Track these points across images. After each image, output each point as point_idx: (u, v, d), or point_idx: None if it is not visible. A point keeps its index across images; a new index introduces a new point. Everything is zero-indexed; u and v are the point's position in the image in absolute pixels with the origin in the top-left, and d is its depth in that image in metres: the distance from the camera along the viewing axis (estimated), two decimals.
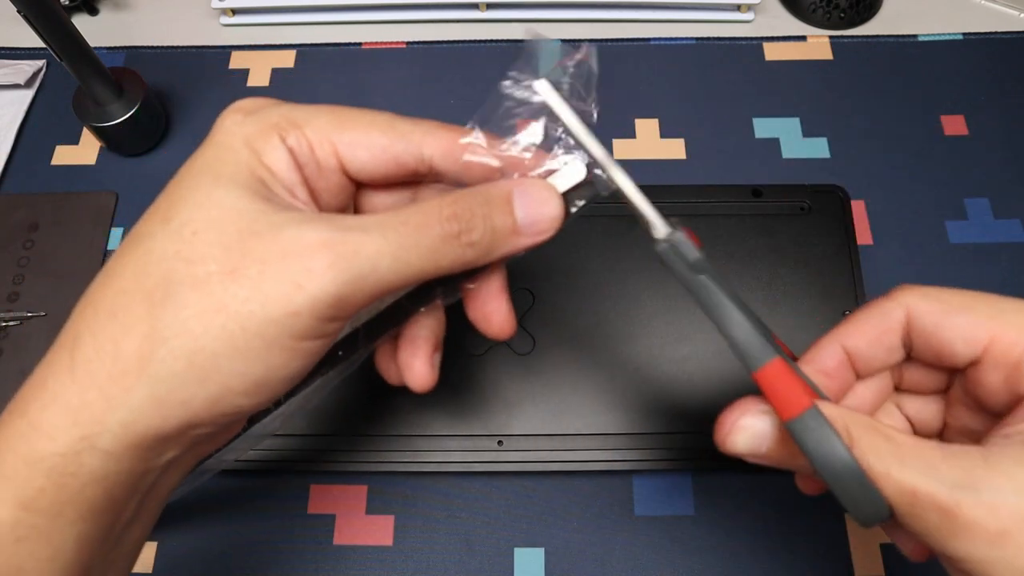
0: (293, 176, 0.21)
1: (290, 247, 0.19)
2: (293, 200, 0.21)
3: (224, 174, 0.20)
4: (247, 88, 0.49)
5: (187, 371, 0.19)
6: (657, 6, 0.51)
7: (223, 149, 0.21)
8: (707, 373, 0.37)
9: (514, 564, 0.36)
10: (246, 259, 0.19)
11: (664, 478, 0.37)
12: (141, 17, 0.53)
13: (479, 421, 0.37)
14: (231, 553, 0.36)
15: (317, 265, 0.19)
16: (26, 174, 0.47)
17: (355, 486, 0.37)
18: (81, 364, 0.19)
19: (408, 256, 0.20)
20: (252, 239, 0.19)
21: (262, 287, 0.19)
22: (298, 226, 0.19)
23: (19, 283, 0.43)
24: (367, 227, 0.20)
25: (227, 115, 0.22)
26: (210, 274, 0.19)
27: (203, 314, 0.19)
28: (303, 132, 0.22)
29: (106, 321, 0.19)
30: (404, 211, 0.21)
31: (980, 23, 0.50)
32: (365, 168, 0.22)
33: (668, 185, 0.42)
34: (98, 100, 0.43)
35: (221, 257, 0.19)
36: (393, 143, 0.22)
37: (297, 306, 0.19)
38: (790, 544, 0.36)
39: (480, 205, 0.21)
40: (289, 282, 0.19)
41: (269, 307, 0.19)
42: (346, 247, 0.19)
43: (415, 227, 0.20)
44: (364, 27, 0.52)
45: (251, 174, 0.21)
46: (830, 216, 0.40)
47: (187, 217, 0.20)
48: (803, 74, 0.48)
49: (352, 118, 0.22)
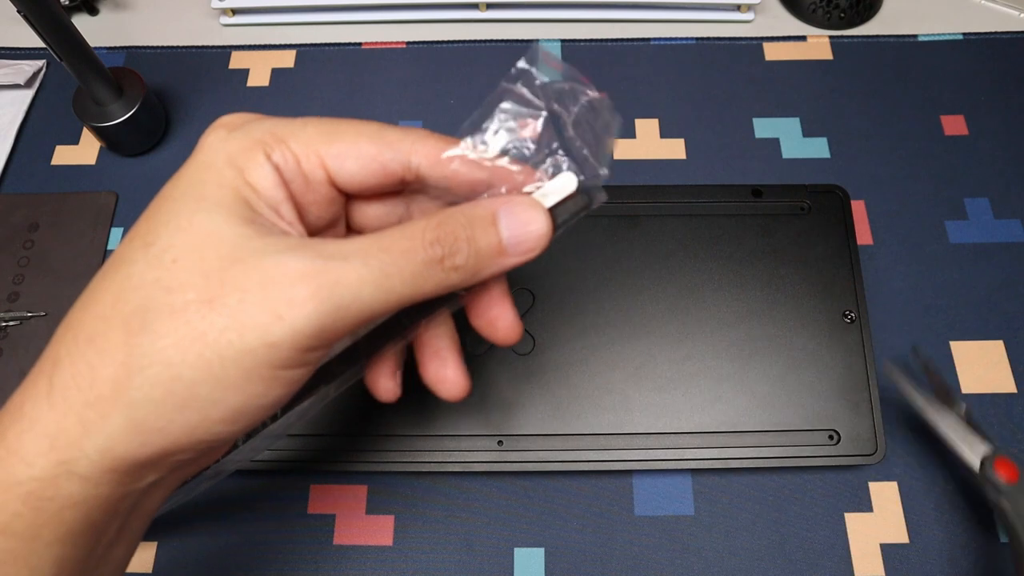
0: (278, 194, 0.21)
1: (270, 276, 0.19)
2: (277, 220, 0.21)
3: (206, 196, 0.20)
4: (247, 88, 0.49)
5: (165, 399, 0.19)
6: (657, 6, 0.51)
7: (206, 168, 0.21)
8: (707, 373, 0.37)
9: (514, 564, 0.36)
10: (225, 288, 0.19)
11: (664, 478, 0.37)
12: (141, 17, 0.53)
13: (479, 421, 0.37)
14: (231, 553, 0.36)
15: (297, 295, 0.19)
16: (26, 174, 0.47)
17: (355, 486, 0.37)
18: (59, 389, 0.19)
19: (390, 283, 0.20)
20: (232, 267, 0.19)
21: (240, 317, 0.18)
22: (279, 254, 0.19)
23: (19, 283, 0.43)
24: (348, 255, 0.19)
25: (210, 132, 0.22)
26: (188, 303, 0.19)
27: (180, 343, 0.18)
28: (288, 146, 0.21)
29: (84, 347, 0.19)
30: (386, 236, 0.20)
31: (980, 23, 0.50)
32: (354, 179, 0.22)
33: (668, 185, 0.42)
34: (98, 100, 0.43)
35: (200, 285, 0.19)
36: (381, 152, 0.22)
37: (276, 337, 0.19)
38: (790, 544, 0.36)
39: (464, 227, 0.21)
40: (268, 312, 0.18)
41: (247, 337, 0.18)
42: (327, 276, 0.19)
43: (398, 253, 0.20)
44: (364, 27, 0.52)
45: (234, 194, 0.20)
46: (830, 216, 0.40)
47: (168, 243, 0.20)
48: (803, 74, 0.48)
49: (339, 129, 0.22)
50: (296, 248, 0.20)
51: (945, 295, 0.41)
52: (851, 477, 0.37)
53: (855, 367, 0.37)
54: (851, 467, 0.37)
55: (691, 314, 0.39)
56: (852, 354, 0.37)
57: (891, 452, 0.37)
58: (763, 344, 0.38)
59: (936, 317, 0.40)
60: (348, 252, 0.20)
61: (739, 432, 0.36)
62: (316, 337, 0.19)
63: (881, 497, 0.37)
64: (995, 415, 0.38)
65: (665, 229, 0.40)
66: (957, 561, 0.35)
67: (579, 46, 0.50)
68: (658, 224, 0.40)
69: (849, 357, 0.37)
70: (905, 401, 0.35)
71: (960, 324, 0.40)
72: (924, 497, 0.37)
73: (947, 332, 0.40)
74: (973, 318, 0.40)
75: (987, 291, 0.41)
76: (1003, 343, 0.40)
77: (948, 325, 0.40)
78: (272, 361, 0.19)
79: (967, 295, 0.41)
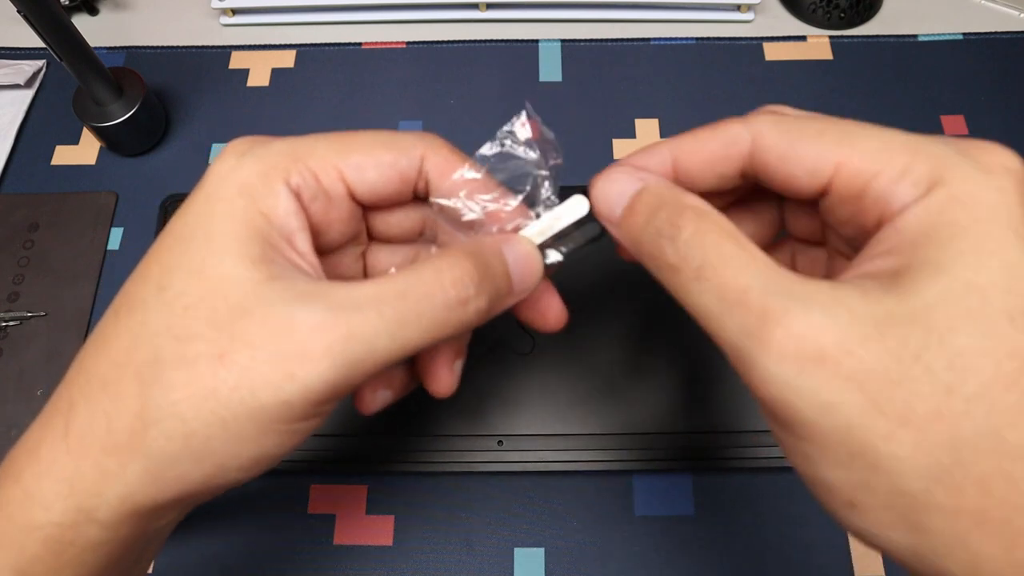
0: (292, 222, 0.20)
1: (281, 330, 0.18)
2: (290, 252, 0.20)
3: (216, 234, 0.20)
4: (247, 88, 0.49)
5: (181, 451, 0.18)
6: (657, 6, 0.51)
7: (215, 201, 0.20)
8: (707, 373, 0.37)
9: (514, 564, 0.36)
10: (236, 342, 0.18)
11: (664, 478, 0.37)
12: (141, 17, 0.53)
13: (479, 421, 0.37)
14: (231, 553, 0.36)
15: (310, 351, 0.18)
16: (26, 174, 0.47)
17: (355, 486, 0.37)
18: (75, 433, 0.19)
19: (406, 333, 0.19)
20: (243, 319, 0.18)
21: (251, 374, 0.18)
22: (290, 305, 0.19)
23: (19, 283, 0.43)
24: (361, 303, 0.19)
25: (219, 160, 0.21)
26: (199, 355, 0.18)
27: (192, 398, 0.18)
28: (307, 164, 0.21)
29: (99, 393, 0.19)
30: (401, 279, 0.20)
31: (980, 23, 0.50)
32: (375, 188, 0.22)
33: None
34: (98, 100, 0.43)
35: (210, 337, 0.18)
36: (398, 158, 0.22)
37: (288, 395, 0.18)
38: (790, 544, 0.36)
39: (483, 266, 0.20)
40: (280, 371, 0.18)
41: (260, 395, 0.18)
42: (340, 330, 0.18)
43: (415, 299, 0.19)
44: (364, 27, 0.52)
45: (245, 229, 0.20)
46: None
47: (181, 288, 0.19)
48: (803, 74, 0.48)
49: (354, 140, 0.22)
50: (307, 297, 0.19)
51: None
52: None
53: None
54: None
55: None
56: None
57: None
58: None
59: None
60: (362, 300, 0.19)
61: (739, 432, 0.36)
62: (330, 392, 0.19)
63: None
64: None
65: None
66: None
67: (579, 46, 0.50)
68: None
69: None
70: None
71: None
72: None
73: None
74: None
75: None
76: None
77: None
78: (286, 417, 0.19)
79: None
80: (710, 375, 0.37)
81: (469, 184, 0.22)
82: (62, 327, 0.41)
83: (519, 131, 0.23)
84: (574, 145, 0.46)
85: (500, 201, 0.22)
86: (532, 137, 0.23)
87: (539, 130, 0.23)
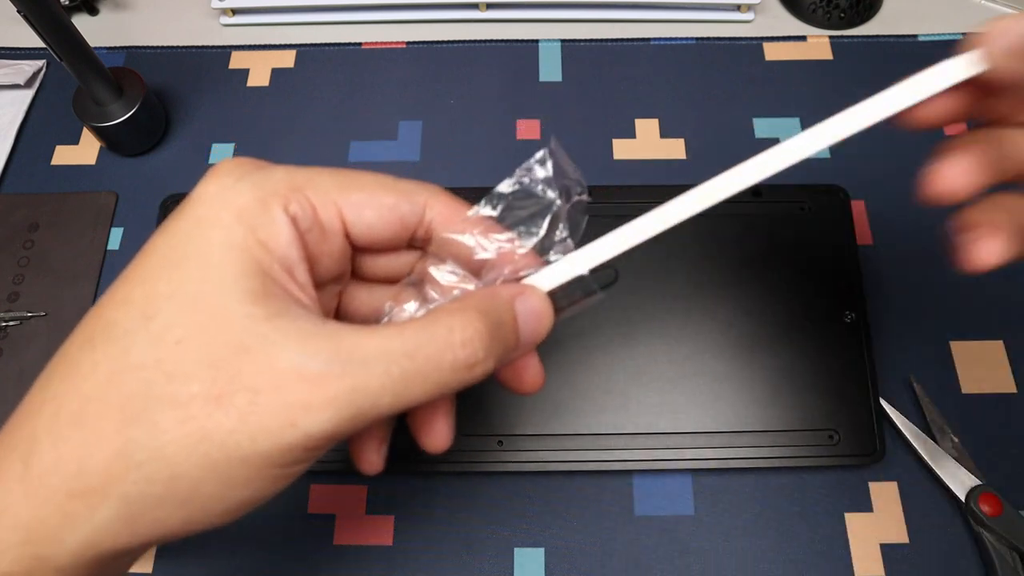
0: (293, 253, 0.19)
1: (284, 376, 0.17)
2: (291, 286, 0.19)
3: (212, 262, 0.18)
4: (247, 88, 0.49)
5: (163, 495, 0.17)
6: (657, 6, 0.51)
7: (210, 225, 0.19)
8: (707, 373, 0.37)
9: (514, 564, 0.36)
10: (234, 384, 0.17)
11: (664, 478, 0.37)
12: (141, 17, 0.53)
13: (479, 421, 0.37)
14: (231, 553, 0.36)
15: (314, 401, 0.17)
16: (26, 174, 0.47)
17: (355, 486, 0.37)
18: (36, 474, 0.17)
19: (411, 391, 0.19)
20: (241, 357, 0.17)
21: (251, 420, 0.17)
22: (294, 348, 0.18)
23: (19, 283, 0.43)
24: (368, 358, 0.18)
25: (212, 180, 0.20)
26: (193, 396, 0.17)
27: (183, 440, 0.17)
28: (306, 195, 0.20)
29: (69, 429, 0.17)
30: (411, 335, 0.19)
31: (980, 23, 0.50)
32: (372, 230, 0.21)
33: (668, 185, 0.42)
34: (98, 100, 0.43)
35: (206, 377, 0.17)
36: (399, 203, 0.21)
37: (288, 442, 0.17)
38: (790, 544, 0.36)
39: (494, 326, 0.20)
40: (281, 418, 0.17)
41: (259, 442, 0.17)
42: (345, 383, 0.18)
43: (424, 359, 0.19)
44: (364, 27, 0.52)
45: (244, 259, 0.18)
46: (830, 216, 0.40)
47: (171, 319, 0.18)
48: (803, 74, 0.48)
49: (356, 178, 0.21)
50: (312, 340, 0.18)
51: (945, 295, 0.41)
52: (851, 477, 0.37)
53: (855, 367, 0.37)
54: (851, 467, 0.37)
55: (691, 314, 0.39)
56: (852, 354, 0.37)
57: (891, 452, 0.37)
58: (763, 344, 0.38)
59: (936, 317, 0.40)
60: (370, 354, 0.18)
61: (739, 432, 0.36)
62: (328, 441, 0.18)
63: (881, 497, 0.37)
64: (995, 415, 0.38)
65: (665, 229, 0.40)
66: (957, 561, 0.35)
67: (579, 46, 0.50)
68: None
69: (849, 357, 0.37)
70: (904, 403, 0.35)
71: (960, 324, 0.40)
72: (924, 497, 0.37)
73: (947, 332, 0.40)
74: (973, 318, 0.40)
75: (987, 291, 0.41)
76: (1003, 343, 0.40)
77: (948, 325, 0.40)
78: (281, 462, 0.18)
79: (967, 295, 0.41)
80: (711, 375, 0.37)
81: (482, 223, 0.22)
82: (62, 327, 0.41)
83: (537, 169, 0.22)
84: (574, 145, 0.46)
85: (514, 242, 0.22)
86: (552, 175, 0.22)
87: (564, 166, 0.22)
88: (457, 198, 0.22)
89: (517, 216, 0.22)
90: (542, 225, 0.22)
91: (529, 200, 0.22)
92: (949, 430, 0.37)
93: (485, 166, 0.45)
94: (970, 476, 0.35)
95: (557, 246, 0.22)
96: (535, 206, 0.22)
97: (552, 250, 0.22)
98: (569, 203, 0.22)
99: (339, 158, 0.46)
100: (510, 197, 0.22)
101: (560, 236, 0.22)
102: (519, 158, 0.22)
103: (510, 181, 0.22)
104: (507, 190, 0.22)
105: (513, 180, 0.22)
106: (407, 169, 0.45)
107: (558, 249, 0.22)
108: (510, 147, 0.46)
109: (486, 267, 0.22)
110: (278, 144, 0.47)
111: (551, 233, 0.22)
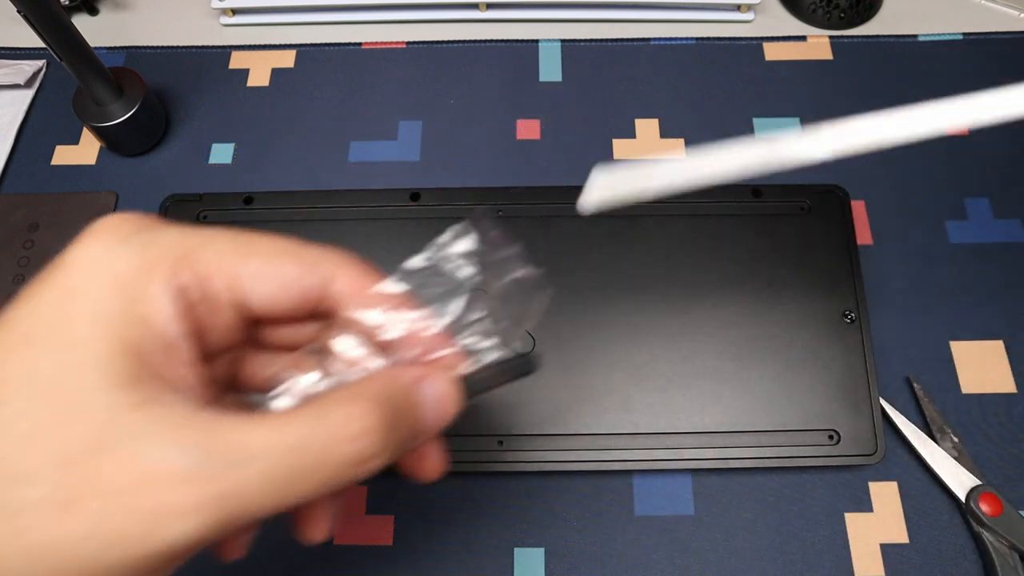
0: (176, 328, 0.17)
1: (145, 477, 0.15)
2: (168, 366, 0.17)
3: (76, 340, 0.16)
4: (247, 88, 0.49)
5: None
6: (657, 6, 0.51)
7: (79, 296, 0.17)
8: (707, 373, 0.37)
9: (514, 564, 0.36)
10: (86, 487, 0.15)
11: (664, 478, 0.37)
12: (141, 17, 0.53)
13: (479, 421, 0.37)
14: None
15: (177, 506, 0.15)
16: (26, 174, 0.47)
17: (355, 486, 0.37)
18: None
19: (295, 490, 0.17)
20: (99, 456, 0.15)
21: (105, 526, 0.15)
22: (159, 443, 0.16)
23: (19, 283, 0.43)
24: (247, 457, 0.16)
25: (90, 241, 0.17)
26: (40, 501, 0.15)
27: (26, 550, 0.15)
28: (198, 262, 0.18)
29: None
30: (296, 428, 0.17)
31: (980, 23, 0.50)
32: (271, 302, 0.19)
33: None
34: (98, 100, 0.43)
35: (55, 479, 0.15)
36: (303, 274, 0.19)
37: (148, 551, 0.15)
38: (790, 544, 0.36)
39: (393, 416, 0.18)
40: (140, 525, 0.15)
41: (114, 551, 0.15)
42: (215, 487, 0.16)
43: (311, 455, 0.17)
44: (364, 27, 0.52)
45: (116, 335, 0.16)
46: (830, 216, 0.40)
47: (21, 407, 0.16)
48: (803, 74, 0.48)
49: (256, 244, 0.19)
50: (183, 433, 0.16)
51: (945, 295, 0.41)
52: (851, 477, 0.37)
53: (855, 367, 0.37)
54: (851, 467, 0.37)
55: (691, 314, 0.39)
56: (852, 354, 0.37)
57: (891, 452, 0.37)
58: (763, 344, 0.38)
59: (936, 317, 0.40)
60: (249, 451, 0.16)
61: (739, 432, 0.36)
62: (193, 548, 0.16)
63: (881, 497, 0.37)
64: (995, 415, 0.38)
65: (665, 229, 0.40)
66: (957, 561, 0.35)
67: (579, 46, 0.50)
68: (658, 224, 0.40)
69: (849, 357, 0.37)
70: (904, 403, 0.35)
71: (960, 324, 0.40)
72: (924, 497, 0.37)
73: (947, 332, 0.40)
74: (973, 318, 0.40)
75: (987, 291, 0.41)
76: (1003, 343, 0.40)
77: (948, 325, 0.40)
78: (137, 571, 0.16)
79: (967, 295, 0.41)
80: (711, 375, 0.37)
81: (391, 299, 0.20)
82: None
83: (455, 243, 0.21)
84: (574, 145, 0.46)
85: (424, 322, 0.20)
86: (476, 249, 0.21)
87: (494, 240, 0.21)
88: (367, 269, 0.20)
89: (431, 294, 0.21)
90: (456, 304, 0.21)
91: (443, 277, 0.21)
92: (949, 430, 0.37)
93: (485, 166, 0.45)
94: (970, 476, 0.35)
95: (474, 326, 0.21)
96: (450, 283, 0.21)
97: (468, 331, 0.21)
98: (502, 281, 0.21)
99: (339, 158, 0.46)
100: (425, 273, 0.21)
101: (473, 317, 0.21)
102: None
103: (422, 256, 0.21)
104: (418, 266, 0.21)
105: (425, 255, 0.21)
106: (407, 169, 0.45)
107: (475, 330, 0.21)
108: (510, 147, 0.46)
109: (393, 345, 0.20)
110: (278, 144, 0.47)
111: (468, 313, 0.21)
